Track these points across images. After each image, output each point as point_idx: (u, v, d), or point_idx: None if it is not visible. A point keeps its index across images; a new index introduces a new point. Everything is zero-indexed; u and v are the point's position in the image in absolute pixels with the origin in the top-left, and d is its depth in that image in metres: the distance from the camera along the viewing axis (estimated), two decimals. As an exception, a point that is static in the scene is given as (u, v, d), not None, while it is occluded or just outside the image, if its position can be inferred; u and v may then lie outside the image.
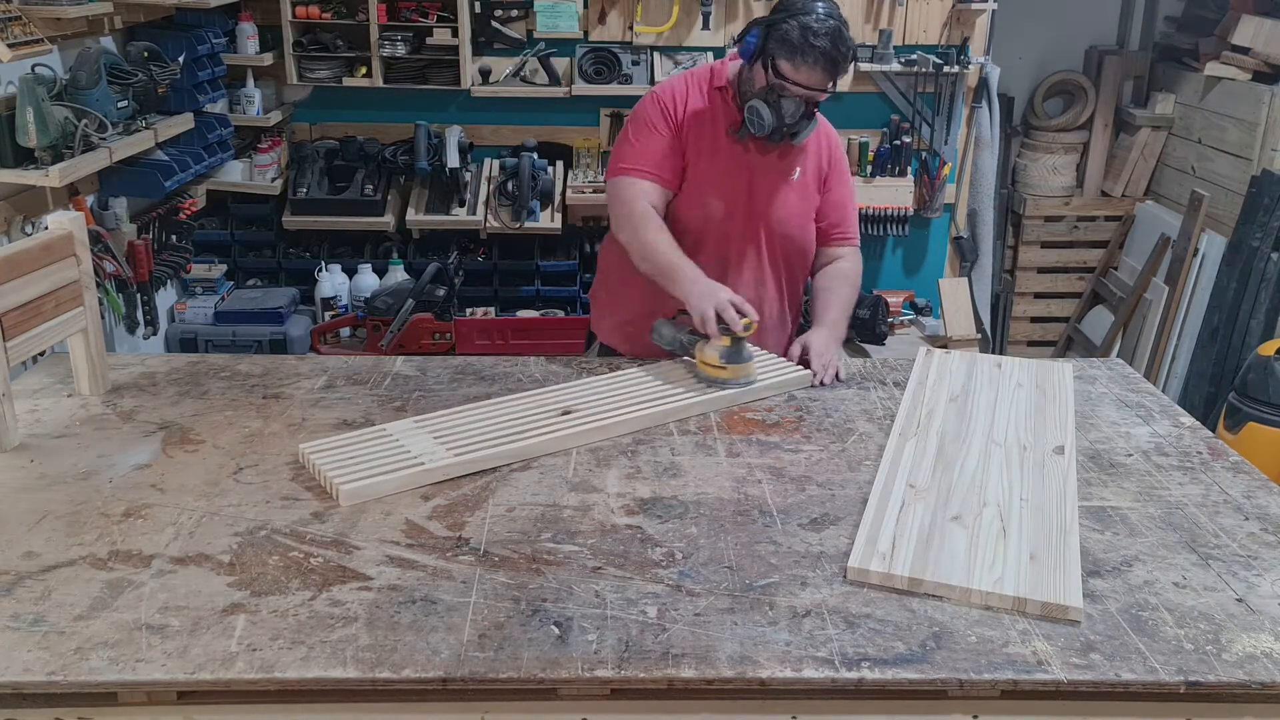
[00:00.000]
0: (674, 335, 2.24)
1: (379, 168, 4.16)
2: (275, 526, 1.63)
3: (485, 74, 4.14)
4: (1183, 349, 4.29)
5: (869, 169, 4.32)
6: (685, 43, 4.23)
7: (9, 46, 2.53)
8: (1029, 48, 4.79)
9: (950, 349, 3.43)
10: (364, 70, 4.08)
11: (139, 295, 3.26)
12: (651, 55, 4.22)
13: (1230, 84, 4.18)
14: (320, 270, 4.13)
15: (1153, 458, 1.94)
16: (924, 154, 4.37)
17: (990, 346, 4.65)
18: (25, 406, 2.03)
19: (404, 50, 4.03)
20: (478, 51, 4.17)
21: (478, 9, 4.09)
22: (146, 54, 3.07)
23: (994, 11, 4.26)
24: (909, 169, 4.36)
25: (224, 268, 4.13)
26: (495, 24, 4.13)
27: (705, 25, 4.16)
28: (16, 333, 1.87)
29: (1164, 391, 3.69)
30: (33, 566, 1.51)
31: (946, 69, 4.22)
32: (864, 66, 4.22)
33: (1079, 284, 4.97)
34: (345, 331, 4.05)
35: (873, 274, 4.59)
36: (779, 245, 2.40)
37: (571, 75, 4.18)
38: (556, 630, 1.39)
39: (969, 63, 4.26)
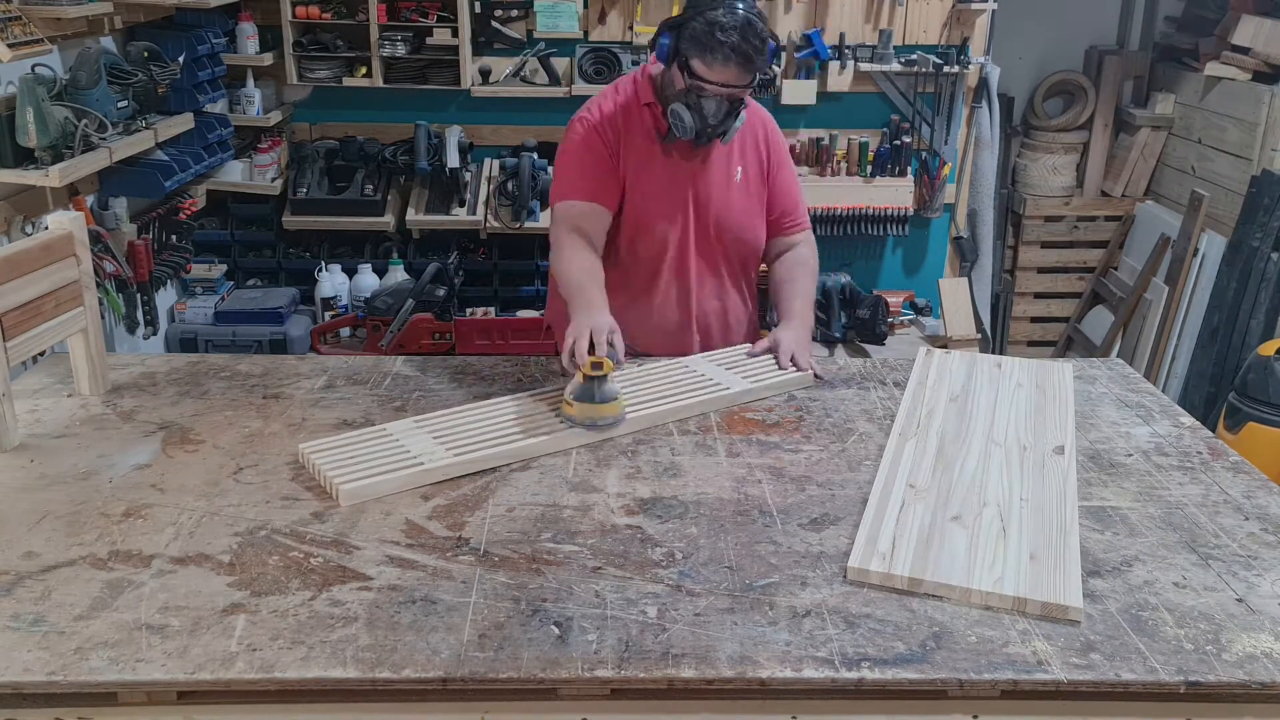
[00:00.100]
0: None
1: (379, 168, 4.16)
2: (275, 526, 1.63)
3: (485, 74, 4.14)
4: (1183, 349, 4.29)
5: (869, 169, 4.32)
6: (685, 42, 4.23)
7: (9, 46, 2.53)
8: (1029, 48, 4.79)
9: (950, 349, 3.43)
10: (364, 70, 4.08)
11: (139, 295, 3.26)
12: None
13: (1230, 84, 4.18)
14: (320, 270, 4.13)
15: (1153, 458, 1.94)
16: (924, 154, 4.37)
17: (990, 346, 4.65)
18: (25, 406, 2.03)
19: (404, 50, 4.03)
20: (478, 51, 4.17)
21: (478, 9, 4.09)
22: (146, 54, 3.07)
23: (994, 11, 4.26)
24: (909, 169, 4.36)
25: (224, 268, 4.13)
26: (495, 24, 4.13)
27: (705, 25, 4.16)
28: (16, 333, 1.87)
29: (1164, 391, 3.69)
30: (33, 566, 1.51)
31: (946, 69, 4.22)
32: (864, 66, 4.22)
33: (1079, 284, 4.97)
34: (345, 331, 4.05)
35: (873, 274, 4.60)
36: (734, 251, 2.38)
37: (571, 75, 4.18)
38: (556, 630, 1.39)
39: (969, 63, 4.26)
